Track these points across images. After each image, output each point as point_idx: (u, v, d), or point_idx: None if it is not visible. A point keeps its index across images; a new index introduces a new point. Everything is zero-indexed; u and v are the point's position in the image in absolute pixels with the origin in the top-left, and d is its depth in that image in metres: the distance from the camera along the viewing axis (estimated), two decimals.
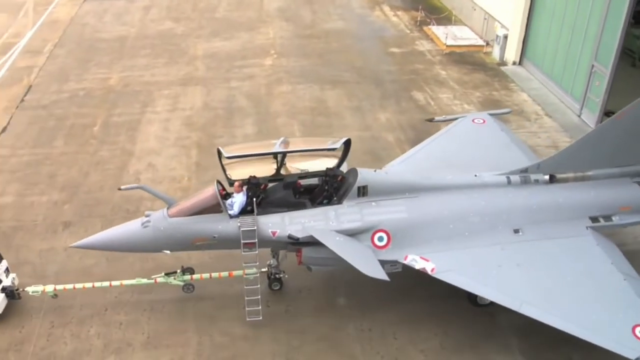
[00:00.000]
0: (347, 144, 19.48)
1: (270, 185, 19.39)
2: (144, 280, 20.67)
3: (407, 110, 34.26)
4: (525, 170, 20.36)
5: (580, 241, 19.37)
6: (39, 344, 19.84)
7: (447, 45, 42.02)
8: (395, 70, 39.54)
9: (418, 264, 18.30)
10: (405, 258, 18.48)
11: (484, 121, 24.67)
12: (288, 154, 19.16)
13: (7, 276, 20.99)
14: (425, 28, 46.05)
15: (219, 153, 18.72)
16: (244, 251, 18.39)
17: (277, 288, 21.45)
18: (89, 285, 20.53)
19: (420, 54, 42.13)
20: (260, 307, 19.22)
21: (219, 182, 19.22)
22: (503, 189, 19.99)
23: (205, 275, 20.78)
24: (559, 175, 20.70)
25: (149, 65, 40.17)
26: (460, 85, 37.31)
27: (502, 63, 40.06)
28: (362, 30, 46.96)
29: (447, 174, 20.27)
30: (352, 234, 18.50)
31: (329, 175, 19.26)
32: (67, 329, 20.37)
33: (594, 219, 20.13)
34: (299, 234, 18.24)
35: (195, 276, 20.76)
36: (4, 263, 21.16)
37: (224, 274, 20.68)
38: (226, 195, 18.98)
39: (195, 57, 41.18)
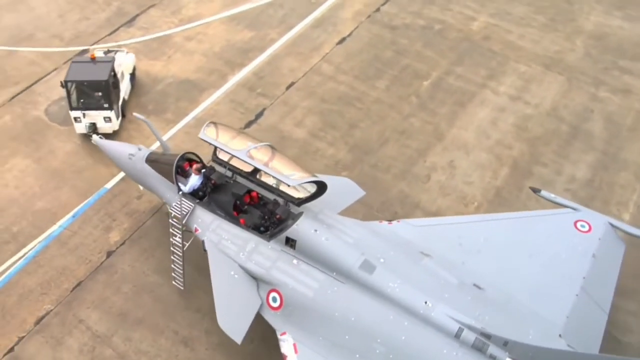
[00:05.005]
0: (321, 187, 18.68)
1: (223, 183, 20.34)
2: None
3: None
4: (488, 337, 16.39)
5: None
6: None
7: None
8: None
9: (285, 348, 17.44)
10: (283, 334, 17.74)
11: (590, 229, 20.15)
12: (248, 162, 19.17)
13: None
14: None
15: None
16: (171, 220, 20.27)
17: None
18: None
19: None
20: (182, 278, 20.83)
21: (191, 154, 21.09)
22: (440, 340, 16.70)
23: None
24: None
25: (525, 19, 35.25)
26: None
27: None
28: None
29: (416, 279, 17.71)
30: (254, 277, 18.62)
31: (274, 205, 19.40)
32: None
33: None
34: (209, 247, 19.19)
35: None
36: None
37: None
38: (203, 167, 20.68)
39: (580, 31, 34.72)
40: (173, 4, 35.45)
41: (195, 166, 20.60)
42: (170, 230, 20.65)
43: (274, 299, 18.44)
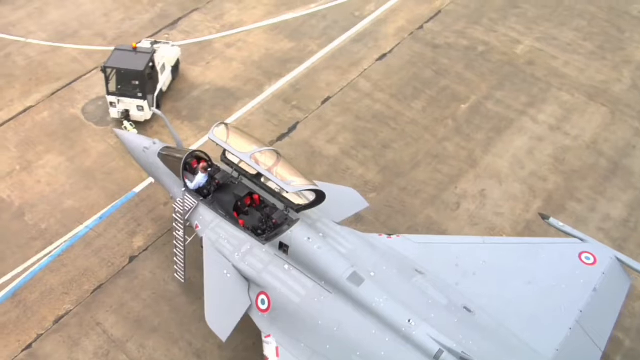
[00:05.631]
0: (320, 196, 18.90)
1: (227, 183, 20.77)
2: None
3: None
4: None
5: None
6: None
7: None
8: None
9: (267, 350, 17.82)
10: (268, 336, 18.06)
11: (595, 262, 19.72)
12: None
13: None
14: None
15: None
16: (174, 215, 20.91)
17: None
18: None
19: None
20: (184, 272, 21.24)
21: (200, 152, 21.53)
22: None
23: None
24: None
25: (572, 45, 34.63)
26: None
27: None
28: None
29: (413, 296, 17.83)
30: (246, 278, 18.99)
31: (271, 209, 19.87)
32: None
33: None
34: (205, 244, 19.65)
35: None
36: None
37: None
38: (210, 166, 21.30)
39: (629, 61, 33.97)
40: (216, 9, 35.78)
41: (202, 164, 21.29)
42: (174, 224, 21.20)
43: (263, 302, 18.80)
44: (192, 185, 21.10)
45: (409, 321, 17.21)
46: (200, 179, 21.11)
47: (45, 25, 34.57)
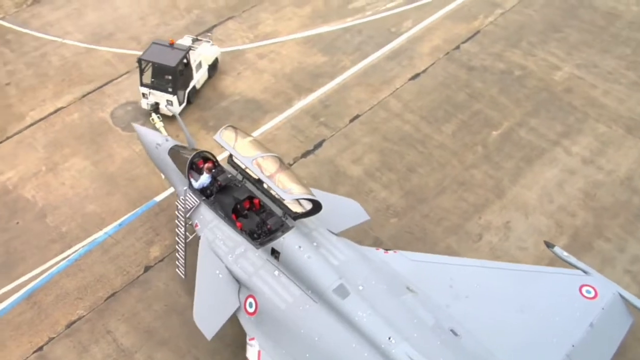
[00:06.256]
0: (316, 205, 19.09)
1: (230, 186, 21.35)
2: None
3: None
4: None
5: None
6: None
7: None
8: None
9: (250, 353, 18.09)
10: (252, 339, 18.28)
11: (595, 296, 19.19)
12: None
13: None
14: None
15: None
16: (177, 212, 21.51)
17: None
18: None
19: None
20: (184, 268, 21.53)
21: (207, 153, 22.24)
22: None
23: None
24: None
25: (613, 74, 33.76)
26: None
27: None
28: None
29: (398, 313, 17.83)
30: (237, 279, 19.31)
31: (267, 214, 20.23)
32: None
33: None
34: (201, 243, 20.06)
35: None
36: None
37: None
38: (214, 167, 21.91)
39: None
40: (252, 18, 35.92)
41: (206, 165, 21.92)
42: (176, 221, 21.73)
43: (251, 305, 19.11)
44: (196, 184, 21.77)
45: (389, 338, 17.25)
46: (204, 179, 21.77)
47: (82, 26, 35.17)
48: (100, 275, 23.97)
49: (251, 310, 19.12)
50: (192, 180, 21.83)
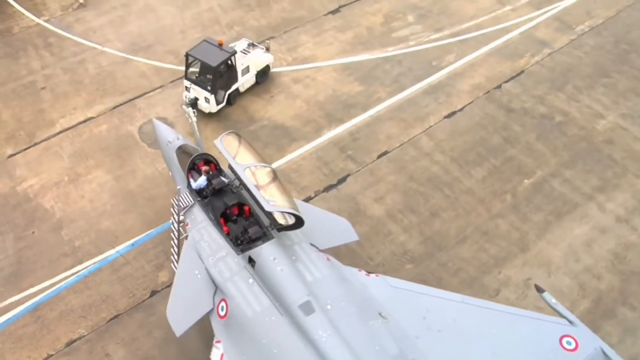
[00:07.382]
0: (298, 220, 19.09)
1: (224, 190, 21.76)
2: None
3: None
4: None
5: None
6: None
7: None
8: None
9: (213, 354, 18.30)
10: (218, 342, 18.53)
11: (576, 348, 18.12)
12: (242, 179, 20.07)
13: None
14: None
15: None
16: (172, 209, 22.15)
17: None
18: None
19: None
20: (177, 263, 21.00)
21: (209, 156, 22.86)
22: None
23: None
24: None
25: None
26: None
27: None
28: None
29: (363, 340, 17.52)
30: (214, 282, 19.63)
31: (250, 223, 20.51)
32: None
33: None
34: (186, 242, 20.59)
35: None
36: None
37: None
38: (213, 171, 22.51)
39: None
40: (291, 40, 35.71)
41: (204, 168, 22.48)
42: (171, 217, 22.05)
43: (222, 308, 19.37)
44: (194, 185, 22.29)
45: None
46: (201, 181, 22.31)
47: (123, 34, 35.56)
48: (107, 295, 24.06)
49: (222, 313, 19.40)
50: (191, 180, 22.44)
